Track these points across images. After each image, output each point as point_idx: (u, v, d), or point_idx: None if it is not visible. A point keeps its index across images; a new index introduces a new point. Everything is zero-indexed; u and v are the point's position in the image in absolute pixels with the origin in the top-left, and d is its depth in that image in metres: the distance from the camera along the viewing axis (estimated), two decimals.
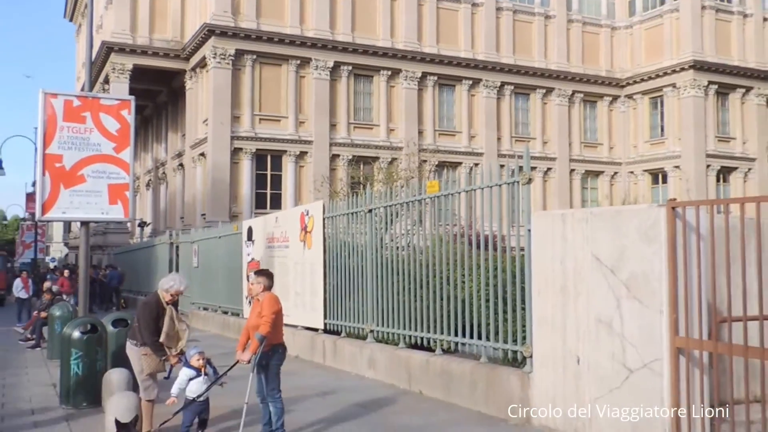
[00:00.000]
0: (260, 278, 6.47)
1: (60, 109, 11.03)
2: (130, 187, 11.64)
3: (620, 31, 41.60)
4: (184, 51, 34.31)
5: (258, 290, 6.40)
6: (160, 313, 6.54)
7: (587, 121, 41.01)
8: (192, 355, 6.38)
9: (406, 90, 35.28)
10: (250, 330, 6.29)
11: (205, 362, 6.41)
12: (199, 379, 6.31)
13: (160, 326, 6.50)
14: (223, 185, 31.45)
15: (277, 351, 6.31)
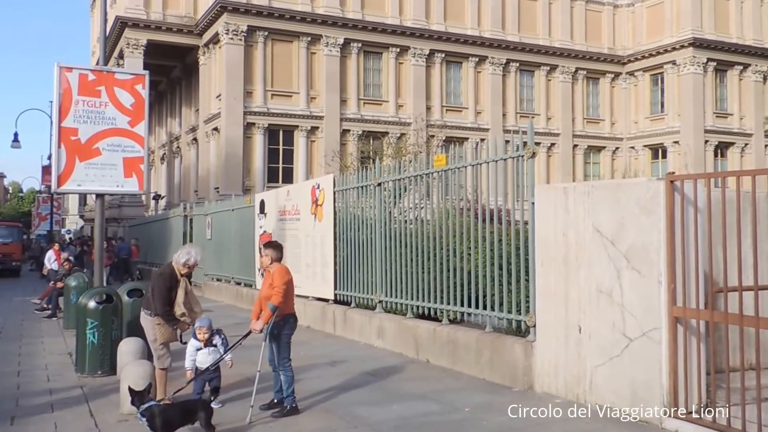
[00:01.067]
0: (268, 250, 6.45)
1: (75, 83, 10.89)
2: (144, 160, 11.53)
3: (622, 9, 41.13)
4: (197, 27, 34.12)
5: (267, 262, 6.40)
6: (173, 284, 6.54)
7: (590, 98, 40.76)
8: (197, 328, 6.40)
9: (414, 66, 35.06)
10: (263, 300, 6.31)
11: (211, 334, 6.42)
12: (205, 351, 6.34)
13: (173, 297, 6.52)
14: (236, 159, 31.46)
15: (288, 321, 6.34)
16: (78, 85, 10.89)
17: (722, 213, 4.93)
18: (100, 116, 11.16)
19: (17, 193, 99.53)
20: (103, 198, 11.83)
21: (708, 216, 5.15)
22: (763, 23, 40.00)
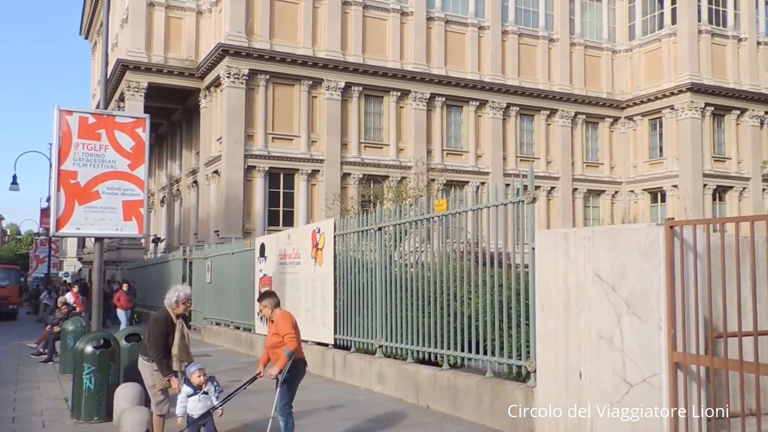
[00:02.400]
0: (264, 301, 6.51)
1: (75, 126, 10.99)
2: (144, 203, 11.58)
3: (620, 55, 41.83)
4: (198, 70, 34.63)
5: (268, 312, 6.44)
6: (169, 329, 6.55)
7: (589, 142, 41.15)
8: (192, 372, 6.34)
9: (415, 110, 35.50)
10: (269, 349, 6.32)
11: (206, 379, 6.36)
12: (195, 397, 6.19)
13: (170, 343, 6.51)
14: (236, 202, 31.62)
15: (298, 366, 6.33)
16: (78, 129, 10.98)
17: (721, 258, 4.98)
18: (100, 159, 11.22)
19: (15, 236, 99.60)
20: (102, 241, 11.85)
21: (707, 261, 5.22)
22: (759, 69, 40.63)
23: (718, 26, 39.72)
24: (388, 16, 35.44)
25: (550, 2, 40.05)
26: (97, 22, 48.98)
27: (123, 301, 20.62)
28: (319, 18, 33.85)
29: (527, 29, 39.18)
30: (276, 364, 6.16)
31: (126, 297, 20.71)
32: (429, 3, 36.34)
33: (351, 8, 34.52)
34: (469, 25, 37.39)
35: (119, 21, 38.29)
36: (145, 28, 34.10)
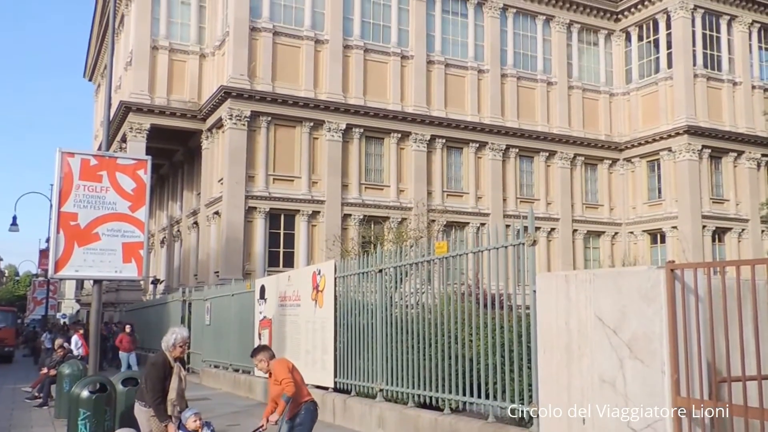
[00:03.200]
0: (258, 355, 6.53)
1: (77, 168, 11.00)
2: (144, 245, 11.54)
3: (618, 98, 42.25)
4: (200, 112, 34.92)
5: (265, 366, 6.42)
6: (167, 373, 6.46)
7: (588, 183, 41.29)
8: (188, 417, 6.22)
9: (415, 152, 35.69)
10: (272, 399, 6.26)
11: (202, 424, 6.24)
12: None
13: (167, 387, 6.42)
14: (236, 243, 31.57)
15: (308, 409, 6.25)
16: (79, 170, 10.98)
17: (723, 301, 4.97)
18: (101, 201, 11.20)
19: (13, 277, 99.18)
20: (101, 284, 11.74)
21: (709, 304, 5.19)
22: (754, 112, 40.96)
23: (713, 70, 40.19)
24: (389, 59, 35.90)
25: (548, 47, 40.62)
26: (101, 65, 49.58)
27: (125, 343, 20.40)
28: (321, 61, 34.28)
29: (526, 73, 39.66)
30: (276, 412, 6.09)
31: (129, 339, 20.49)
32: (429, 47, 36.84)
33: (352, 51, 34.98)
34: (469, 68, 37.86)
35: (123, 64, 38.75)
36: (148, 70, 34.47)
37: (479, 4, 38.56)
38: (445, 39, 37.61)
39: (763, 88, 41.59)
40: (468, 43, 38.20)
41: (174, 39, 35.46)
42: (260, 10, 33.26)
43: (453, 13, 38.15)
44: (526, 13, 40.04)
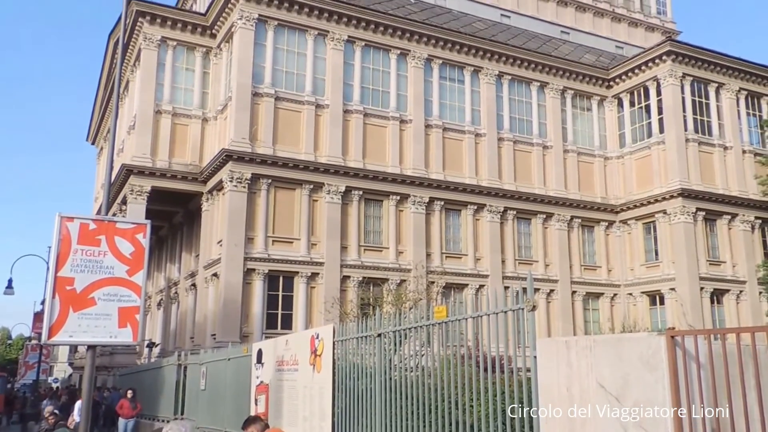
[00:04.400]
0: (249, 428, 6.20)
1: (75, 233, 10.43)
2: (140, 310, 10.99)
3: (612, 161, 41.87)
4: (201, 174, 34.13)
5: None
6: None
7: (586, 245, 40.47)
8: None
9: (414, 214, 34.87)
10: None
11: None
12: None
13: None
14: (234, 305, 30.29)
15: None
16: (78, 235, 10.39)
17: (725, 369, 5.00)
18: (98, 265, 10.60)
19: (6, 340, 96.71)
20: (95, 349, 11.10)
21: (711, 372, 5.06)
22: (746, 175, 40.61)
23: (704, 135, 39.94)
24: (388, 123, 35.44)
25: (543, 112, 40.40)
26: (105, 129, 49.16)
27: (126, 409, 19.05)
28: (321, 125, 33.75)
29: (522, 136, 39.27)
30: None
31: (129, 405, 19.18)
32: (427, 111, 36.46)
33: (352, 116, 34.53)
34: (466, 132, 37.43)
35: (126, 127, 38.18)
36: (151, 134, 33.78)
37: (475, 71, 38.44)
38: (442, 104, 37.29)
39: (753, 153, 41.33)
40: (465, 108, 37.89)
41: (177, 103, 34.95)
42: (262, 76, 32.89)
43: (450, 80, 37.97)
44: (521, 79, 39.93)
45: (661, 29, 50.97)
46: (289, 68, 33.79)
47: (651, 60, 39.91)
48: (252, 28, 32.76)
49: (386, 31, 35.84)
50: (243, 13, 32.63)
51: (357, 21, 35.07)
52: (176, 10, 36.71)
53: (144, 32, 34.41)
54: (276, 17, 33.43)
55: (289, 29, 33.94)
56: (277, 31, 33.59)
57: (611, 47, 48.18)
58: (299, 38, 34.19)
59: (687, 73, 39.62)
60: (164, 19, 34.66)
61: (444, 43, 37.31)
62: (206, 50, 35.84)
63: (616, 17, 49.87)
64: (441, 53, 37.36)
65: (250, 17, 32.73)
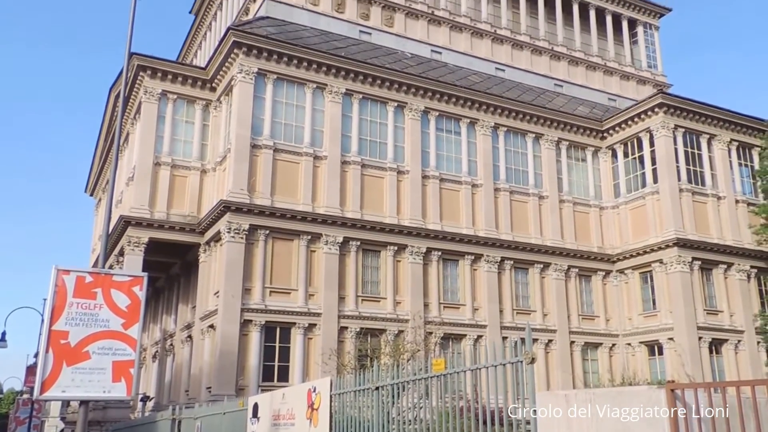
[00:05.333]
0: None
1: (71, 285, 10.40)
2: (135, 363, 10.94)
3: (608, 211, 41.89)
4: (199, 225, 33.91)
5: None
6: None
7: (583, 295, 40.13)
8: None
9: (411, 264, 34.60)
10: None
11: None
12: None
13: None
14: (230, 357, 29.70)
15: None
16: (74, 288, 10.42)
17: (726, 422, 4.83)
18: (93, 319, 10.55)
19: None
20: (88, 404, 10.91)
21: (712, 425, 4.97)
22: (740, 225, 40.59)
23: (698, 185, 40.07)
24: (385, 174, 35.48)
25: (538, 162, 40.58)
26: (104, 180, 49.15)
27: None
28: (319, 176, 33.76)
29: (518, 187, 39.33)
30: None
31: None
32: (424, 162, 36.58)
33: (350, 167, 34.58)
34: (463, 182, 37.48)
35: (125, 179, 38.13)
36: (149, 185, 33.68)
37: (471, 122, 38.73)
38: (439, 155, 37.43)
39: (746, 203, 41.42)
40: (462, 158, 38.03)
41: (176, 155, 34.98)
42: (261, 128, 33.03)
43: (447, 131, 38.21)
44: (517, 131, 40.23)
45: (652, 82, 51.73)
46: (288, 120, 33.99)
47: (643, 112, 40.33)
48: (251, 81, 33.07)
49: (383, 84, 36.23)
50: (243, 67, 32.98)
51: (355, 74, 35.46)
52: (177, 65, 37.14)
53: (145, 86, 34.69)
54: (275, 71, 33.79)
55: (288, 82, 34.26)
56: (276, 84, 33.90)
57: (604, 99, 48.79)
58: (298, 91, 34.49)
59: (679, 124, 40.00)
60: (165, 73, 35.00)
61: (440, 95, 37.69)
62: (206, 103, 36.11)
63: (608, 70, 50.65)
64: (437, 105, 37.71)
65: (249, 71, 33.07)
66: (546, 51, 48.14)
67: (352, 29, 41.20)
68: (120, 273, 11.79)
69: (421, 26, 43.85)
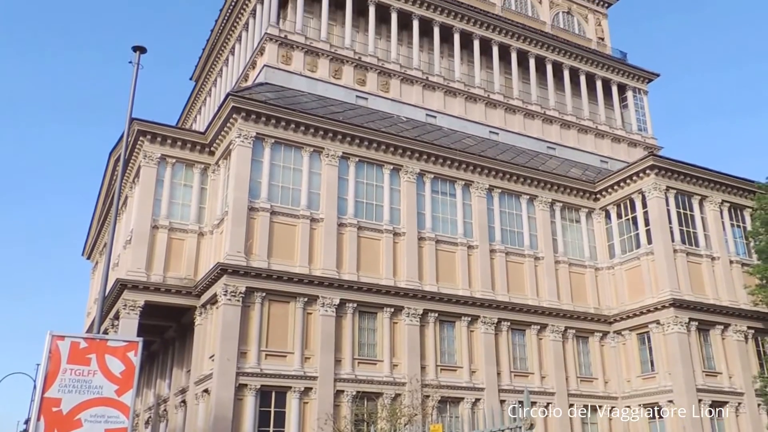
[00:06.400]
0: None
1: (65, 351, 10.27)
2: (128, 431, 10.62)
3: (603, 272, 41.82)
4: (196, 288, 33.68)
5: None
6: None
7: (581, 356, 39.64)
8: None
9: (408, 326, 34.26)
10: None
11: None
12: None
13: None
14: (225, 423, 29.01)
15: None
16: (68, 354, 10.31)
17: None
18: (87, 385, 10.39)
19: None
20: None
21: None
22: (735, 285, 40.43)
23: (691, 246, 40.14)
24: (382, 236, 35.52)
25: (533, 224, 40.74)
26: (101, 243, 49.09)
27: None
28: (316, 238, 33.79)
29: (513, 248, 39.36)
30: None
31: None
32: (420, 224, 36.70)
33: (346, 229, 34.65)
34: (459, 244, 37.52)
35: (123, 242, 38.08)
36: (147, 248, 33.60)
37: (466, 185, 39.07)
38: (435, 217, 37.60)
39: (740, 263, 41.40)
40: (457, 220, 38.18)
41: (174, 218, 35.05)
42: (259, 191, 33.25)
43: (442, 193, 38.49)
44: (511, 192, 40.54)
45: (642, 144, 52.50)
46: (285, 183, 34.24)
47: (635, 174, 40.77)
48: (250, 145, 33.47)
49: (380, 147, 36.68)
50: (241, 132, 33.43)
51: (351, 138, 35.94)
52: (177, 129, 37.61)
53: (144, 150, 35.06)
54: (273, 135, 34.24)
55: (285, 146, 34.67)
56: (273, 147, 34.30)
57: (596, 161, 49.40)
58: (295, 154, 34.87)
59: (671, 186, 40.38)
60: (165, 137, 35.43)
61: (435, 158, 38.13)
62: (204, 166, 36.42)
63: (600, 133, 51.44)
64: (433, 168, 38.10)
65: (248, 135, 33.51)
66: (538, 114, 49.01)
67: (348, 94, 41.99)
68: (115, 338, 11.64)
69: (416, 91, 44.73)
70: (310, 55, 41.88)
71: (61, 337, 10.41)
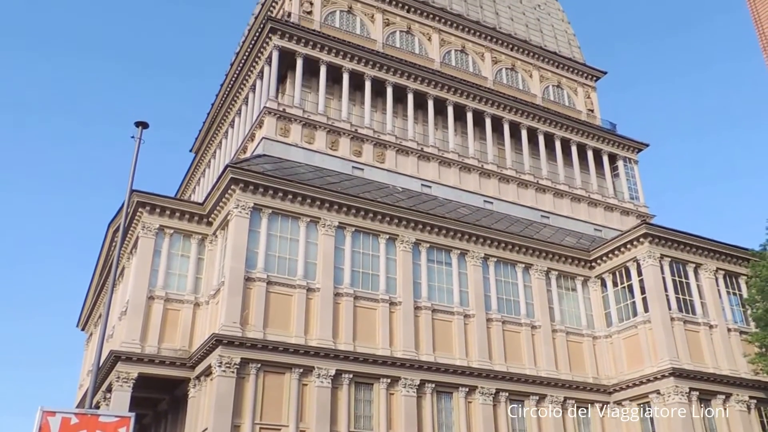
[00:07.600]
0: None
1: (56, 428, 10.02)
2: None
3: (601, 340, 41.36)
4: (190, 359, 33.15)
5: None
6: None
7: (582, 427, 38.70)
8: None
9: (405, 397, 33.59)
10: None
11: None
12: None
13: None
14: None
15: None
16: (59, 430, 10.02)
17: None
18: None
19: None
20: None
21: None
22: (734, 353, 39.90)
23: (688, 314, 39.80)
24: (378, 305, 35.28)
25: (529, 292, 40.55)
26: (96, 315, 48.58)
27: None
28: (312, 308, 33.53)
29: (510, 317, 39.05)
30: None
31: None
32: (416, 293, 36.51)
33: (342, 299, 34.44)
34: (455, 313, 37.23)
35: (118, 313, 37.72)
36: (142, 319, 33.25)
37: (462, 253, 39.09)
38: (431, 286, 37.46)
39: (738, 331, 41.00)
40: (453, 289, 38.01)
41: (170, 289, 34.85)
42: (255, 261, 33.21)
43: (438, 262, 38.46)
44: (507, 261, 40.53)
45: (635, 213, 52.88)
46: (282, 253, 34.24)
47: (629, 242, 40.87)
48: (247, 216, 33.64)
49: (375, 217, 36.88)
50: (239, 203, 33.66)
51: (347, 208, 36.18)
52: (175, 200, 37.83)
53: (143, 221, 35.18)
54: (270, 205, 34.47)
55: (282, 216, 34.86)
56: (271, 218, 34.47)
57: (590, 230, 49.61)
58: (292, 225, 35.01)
59: (665, 254, 40.42)
60: (163, 209, 35.63)
61: (431, 227, 38.29)
62: (202, 237, 36.49)
63: (592, 202, 51.88)
64: (428, 237, 38.20)
65: (245, 206, 33.73)
66: (531, 184, 49.54)
67: (345, 165, 42.52)
68: (106, 414, 11.36)
69: (411, 162, 45.33)
70: (307, 127, 42.64)
71: (52, 413, 10.19)
